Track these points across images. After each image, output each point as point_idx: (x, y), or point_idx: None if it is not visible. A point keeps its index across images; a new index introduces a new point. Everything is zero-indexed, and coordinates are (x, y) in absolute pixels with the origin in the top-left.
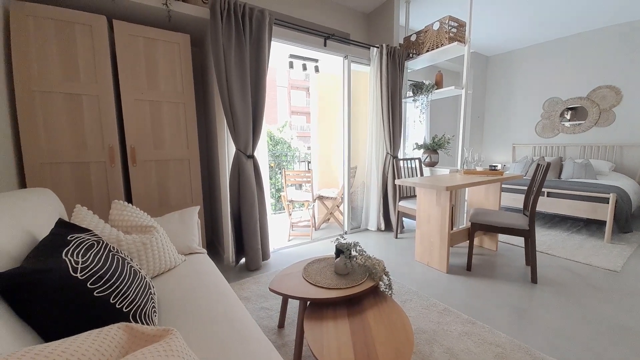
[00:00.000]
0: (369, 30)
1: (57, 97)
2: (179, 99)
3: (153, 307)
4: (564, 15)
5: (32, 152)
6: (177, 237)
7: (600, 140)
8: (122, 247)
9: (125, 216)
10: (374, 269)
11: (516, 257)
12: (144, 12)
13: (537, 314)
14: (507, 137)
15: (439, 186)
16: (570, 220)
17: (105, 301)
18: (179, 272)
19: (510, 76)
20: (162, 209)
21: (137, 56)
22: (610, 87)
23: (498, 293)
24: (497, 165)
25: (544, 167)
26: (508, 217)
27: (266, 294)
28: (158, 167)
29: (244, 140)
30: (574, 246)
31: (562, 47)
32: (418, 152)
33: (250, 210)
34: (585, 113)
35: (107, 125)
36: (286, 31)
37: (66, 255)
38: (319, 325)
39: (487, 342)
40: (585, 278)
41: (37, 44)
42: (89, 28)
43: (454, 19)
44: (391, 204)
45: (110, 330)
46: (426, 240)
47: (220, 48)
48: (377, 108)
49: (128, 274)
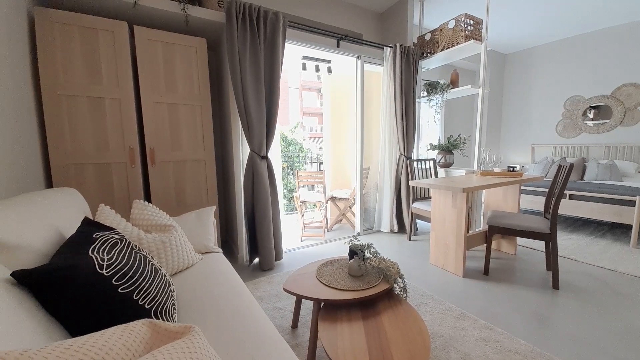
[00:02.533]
0: (382, 30)
1: (81, 100)
2: (196, 102)
3: (173, 304)
4: (585, 10)
5: (58, 154)
6: (194, 236)
7: (625, 140)
8: (142, 245)
9: (146, 215)
10: (388, 271)
11: (536, 262)
12: (162, 17)
13: (558, 321)
14: (526, 137)
15: (455, 188)
16: (593, 224)
17: (129, 298)
18: (196, 271)
19: (529, 74)
20: (179, 209)
21: (156, 60)
22: (635, 85)
23: (517, 298)
24: (515, 166)
25: (566, 169)
26: (528, 220)
27: (280, 293)
28: (175, 167)
29: (258, 141)
30: (598, 251)
31: (583, 43)
32: (432, 153)
33: (264, 211)
34: (610, 112)
35: (127, 127)
36: (300, 33)
37: (92, 253)
38: (333, 326)
39: (505, 349)
40: (610, 284)
41: (62, 49)
42: (111, 34)
43: (470, 16)
44: (404, 205)
45: (136, 326)
46: (441, 243)
47: (235, 51)
48: (390, 108)
49: (150, 271)
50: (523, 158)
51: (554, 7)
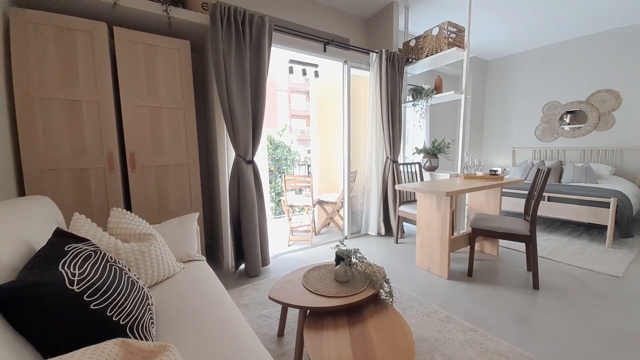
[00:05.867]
0: (369, 36)
1: (56, 103)
2: (179, 105)
3: (151, 319)
4: (562, 19)
5: (31, 159)
6: (176, 244)
7: (600, 143)
8: (120, 256)
9: (124, 224)
10: (374, 276)
11: (517, 263)
12: (144, 18)
13: (539, 321)
14: (507, 141)
15: (439, 191)
16: (571, 225)
17: (102, 314)
18: (177, 281)
19: (509, 80)
20: (161, 215)
21: (137, 62)
22: (609, 91)
23: (500, 299)
24: (497, 169)
25: (544, 172)
26: (509, 222)
27: (266, 301)
28: (157, 172)
29: (244, 145)
30: (575, 251)
31: (561, 51)
32: (418, 157)
33: (250, 216)
34: (585, 117)
35: (106, 131)
36: (286, 37)
37: (63, 267)
38: (319, 334)
39: (489, 351)
40: (587, 284)
41: (37, 50)
42: (89, 35)
43: (453, 24)
44: (391, 208)
45: (107, 347)
46: (427, 245)
47: (220, 54)
48: (376, 112)
49: (125, 285)
50: (504, 161)
51: (532, 17)
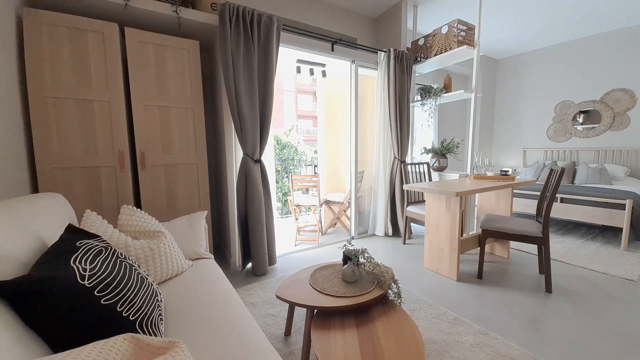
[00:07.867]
0: (377, 35)
1: (69, 102)
2: (188, 104)
3: (160, 315)
4: (574, 17)
5: (44, 157)
6: (185, 242)
7: (614, 144)
8: (130, 252)
9: (134, 221)
10: (382, 276)
11: (529, 265)
12: (154, 19)
13: (552, 325)
14: (518, 141)
15: (448, 192)
16: (584, 227)
17: (112, 309)
18: (186, 278)
19: (520, 79)
20: (170, 213)
21: (147, 62)
22: (624, 90)
23: (511, 302)
24: (508, 169)
25: (557, 172)
26: (520, 223)
27: (272, 300)
28: (167, 171)
29: (251, 145)
30: (590, 254)
31: (573, 49)
32: (426, 157)
33: (257, 215)
34: (599, 116)
35: (117, 131)
36: (294, 37)
37: (74, 262)
38: (326, 334)
39: (500, 355)
40: (602, 287)
41: (50, 50)
42: (101, 35)
43: (463, 22)
44: (399, 209)
45: (116, 342)
46: (435, 247)
47: (228, 54)
48: (384, 112)
49: (135, 281)
50: (515, 162)
51: (544, 15)
